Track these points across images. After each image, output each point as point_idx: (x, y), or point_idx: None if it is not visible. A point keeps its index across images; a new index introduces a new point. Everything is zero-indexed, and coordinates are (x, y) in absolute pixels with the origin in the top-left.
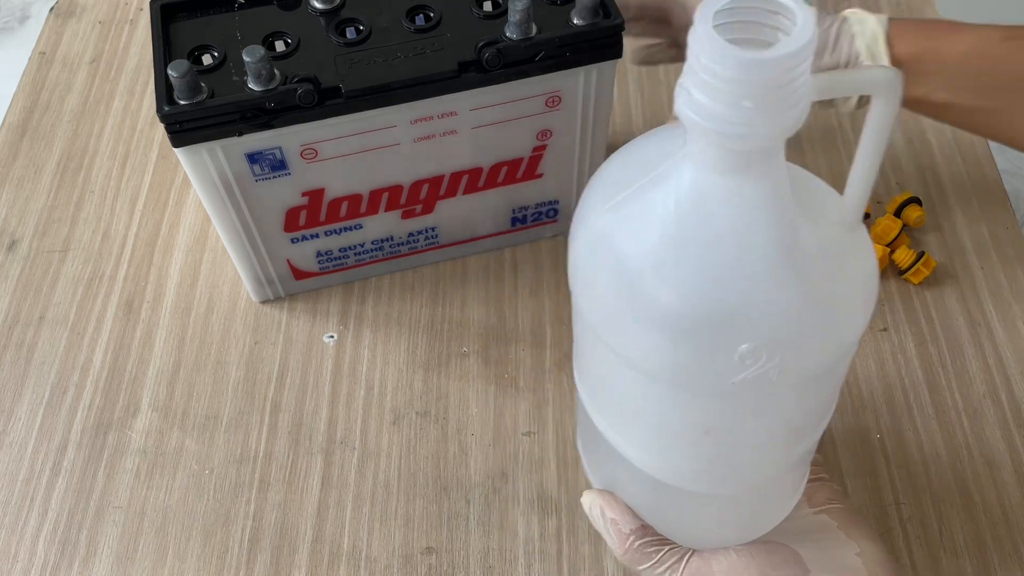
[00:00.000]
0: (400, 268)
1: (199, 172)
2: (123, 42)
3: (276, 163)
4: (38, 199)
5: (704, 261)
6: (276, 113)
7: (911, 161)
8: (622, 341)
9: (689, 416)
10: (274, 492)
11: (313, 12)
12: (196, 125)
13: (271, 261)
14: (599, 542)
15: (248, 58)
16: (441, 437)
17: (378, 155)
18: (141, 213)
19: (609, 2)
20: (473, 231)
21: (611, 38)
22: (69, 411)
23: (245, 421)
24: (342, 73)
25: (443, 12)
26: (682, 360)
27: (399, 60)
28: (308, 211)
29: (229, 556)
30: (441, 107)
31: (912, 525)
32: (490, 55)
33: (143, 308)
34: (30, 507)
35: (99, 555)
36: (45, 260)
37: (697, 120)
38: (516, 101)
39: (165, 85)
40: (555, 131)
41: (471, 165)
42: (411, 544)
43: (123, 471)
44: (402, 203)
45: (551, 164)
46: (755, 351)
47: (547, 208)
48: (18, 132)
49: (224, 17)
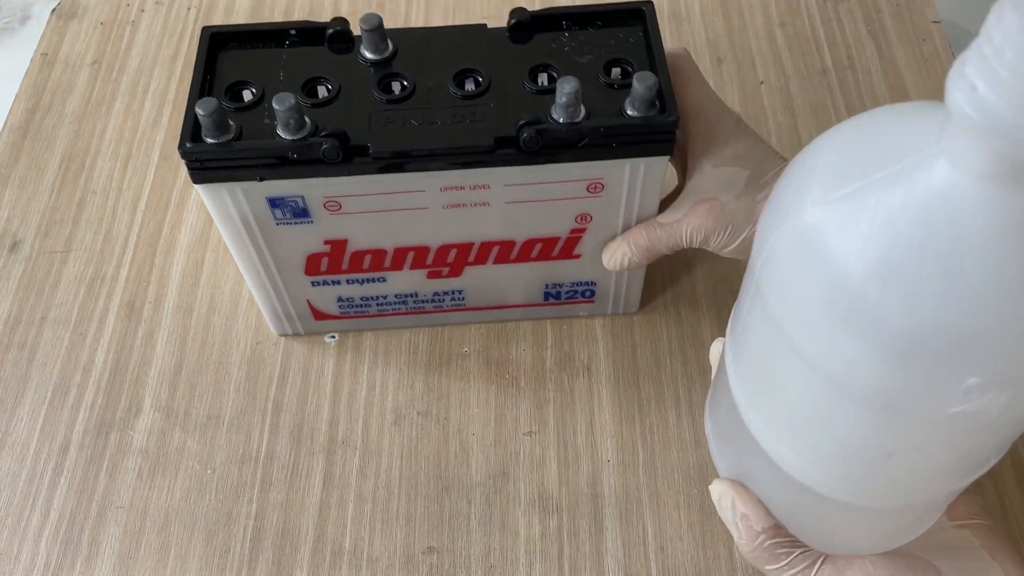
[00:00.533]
0: (425, 324)
1: (219, 210)
2: (125, 43)
3: (298, 210)
4: (40, 200)
5: (948, 279)
6: (299, 164)
7: None
8: (822, 353)
9: (877, 438)
10: (276, 492)
11: (363, 61)
12: (217, 165)
13: (291, 301)
14: (600, 542)
15: (278, 106)
16: (442, 437)
17: (404, 216)
18: (143, 214)
19: (667, 95)
20: (503, 299)
21: (664, 134)
22: (71, 411)
23: (247, 421)
24: (375, 131)
25: (492, 80)
26: (895, 384)
27: (436, 126)
28: (330, 258)
29: (231, 556)
30: (473, 179)
31: None
32: (529, 136)
33: (145, 308)
34: (32, 507)
35: (101, 555)
36: (47, 261)
37: (979, 121)
38: (554, 183)
39: (192, 121)
40: (595, 216)
41: (503, 238)
42: (412, 544)
43: (125, 471)
44: (428, 263)
45: (590, 246)
46: (986, 386)
47: (583, 288)
48: (20, 133)
49: (272, 53)
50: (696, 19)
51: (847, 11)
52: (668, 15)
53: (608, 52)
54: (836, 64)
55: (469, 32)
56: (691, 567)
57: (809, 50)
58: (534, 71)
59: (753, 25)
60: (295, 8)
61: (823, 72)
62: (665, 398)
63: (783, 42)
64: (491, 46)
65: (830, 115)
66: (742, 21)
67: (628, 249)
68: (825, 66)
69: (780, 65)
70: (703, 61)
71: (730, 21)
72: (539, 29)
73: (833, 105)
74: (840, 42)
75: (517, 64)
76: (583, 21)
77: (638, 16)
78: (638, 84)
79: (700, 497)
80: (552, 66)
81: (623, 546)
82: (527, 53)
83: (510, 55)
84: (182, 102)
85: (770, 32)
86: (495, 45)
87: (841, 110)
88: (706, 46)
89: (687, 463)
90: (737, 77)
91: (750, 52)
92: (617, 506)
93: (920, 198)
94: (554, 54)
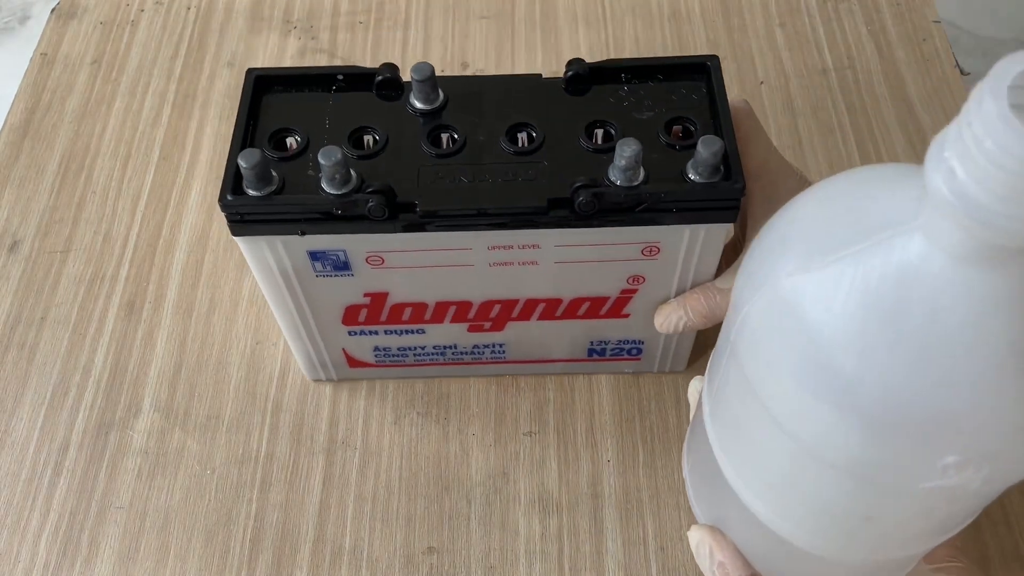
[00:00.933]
0: (462, 375)
1: (257, 261)
2: (124, 43)
3: (339, 264)
4: (39, 200)
5: (923, 356)
6: (343, 220)
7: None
8: (797, 420)
9: (854, 503)
10: (275, 492)
11: (412, 111)
12: (258, 218)
13: (326, 348)
14: (600, 542)
15: (324, 160)
16: (442, 437)
17: (448, 271)
18: (143, 214)
19: (733, 160)
20: (545, 354)
21: (728, 201)
22: (71, 411)
23: (247, 421)
24: (422, 187)
25: (547, 135)
26: (871, 455)
27: (486, 183)
28: (369, 310)
29: (231, 556)
30: (523, 238)
31: None
32: (585, 200)
33: (145, 308)
34: (32, 507)
35: (101, 555)
36: (47, 260)
37: (956, 205)
38: (607, 245)
39: (234, 172)
40: (648, 278)
41: (549, 295)
42: (412, 544)
43: (125, 471)
44: (469, 318)
45: (640, 307)
46: (963, 464)
47: (630, 346)
48: (19, 133)
49: (319, 97)
50: (696, 19)
51: (847, 11)
52: (668, 15)
53: (669, 109)
54: (836, 64)
55: (523, 82)
56: (691, 567)
57: (809, 50)
58: (591, 127)
59: (753, 25)
60: (295, 8)
61: (823, 72)
62: (665, 398)
63: (783, 42)
64: (546, 98)
65: (830, 115)
66: (742, 21)
67: (685, 314)
68: (825, 66)
69: (780, 65)
70: None
71: (730, 21)
72: (597, 81)
73: (833, 105)
74: (840, 42)
75: (573, 119)
76: (643, 74)
77: (701, 71)
78: (703, 149)
79: None
80: (610, 122)
81: (623, 546)
82: (584, 107)
83: (566, 108)
84: (182, 102)
85: (770, 32)
86: (550, 97)
87: (841, 110)
88: (706, 46)
89: None
90: (737, 77)
91: (750, 52)
92: (617, 506)
93: (897, 272)
94: (612, 109)
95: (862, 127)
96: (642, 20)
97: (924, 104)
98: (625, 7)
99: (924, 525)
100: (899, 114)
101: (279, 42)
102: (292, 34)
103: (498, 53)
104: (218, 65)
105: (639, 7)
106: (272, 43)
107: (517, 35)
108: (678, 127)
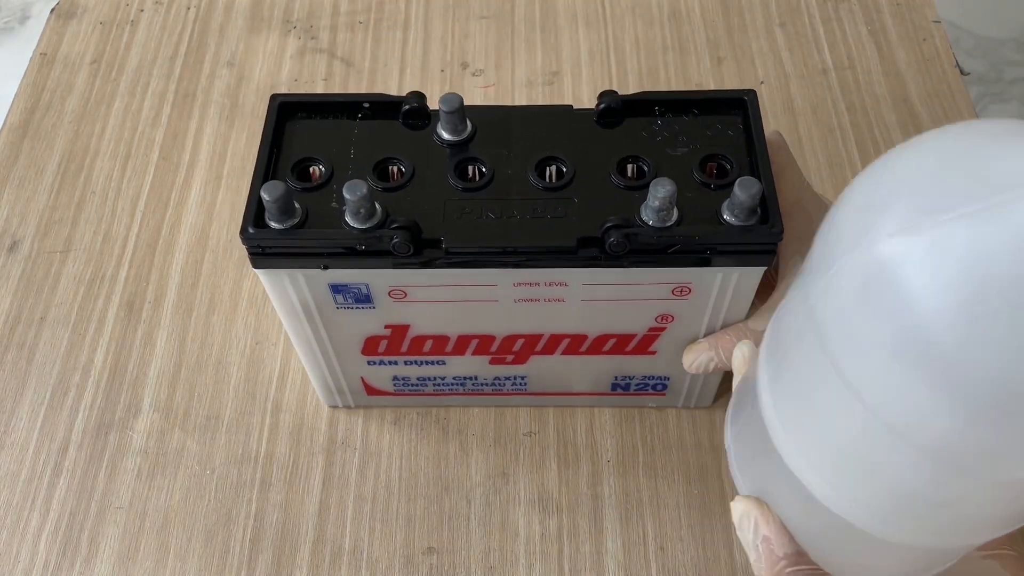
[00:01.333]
0: (482, 404)
1: (277, 293)
2: (124, 43)
3: (361, 296)
4: (39, 200)
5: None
6: (366, 255)
7: None
8: (886, 400)
9: (933, 491)
10: (275, 492)
11: (439, 141)
12: (279, 252)
13: (344, 377)
14: (600, 542)
15: (348, 195)
16: (442, 437)
17: (472, 306)
18: (142, 214)
19: (771, 203)
20: (567, 387)
21: (765, 245)
22: (70, 411)
23: (246, 421)
24: (448, 222)
25: (577, 170)
26: (968, 441)
27: (514, 220)
28: (389, 341)
29: (230, 556)
30: (550, 276)
31: None
32: (616, 241)
33: (144, 308)
34: (31, 507)
35: (100, 555)
36: (46, 261)
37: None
38: (637, 284)
39: (256, 205)
40: (678, 317)
41: (575, 331)
42: (412, 544)
43: (124, 471)
44: (492, 351)
45: (667, 344)
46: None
47: (655, 382)
48: (19, 133)
49: (344, 125)
50: (696, 19)
51: (847, 11)
52: (668, 15)
53: (705, 145)
54: (836, 64)
55: (554, 114)
56: (691, 567)
57: (809, 50)
58: (623, 162)
59: (753, 25)
60: (294, 8)
61: (823, 72)
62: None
63: (783, 42)
64: (577, 131)
65: (830, 115)
66: (742, 21)
67: (716, 356)
68: (825, 66)
69: (780, 65)
70: (703, 61)
71: (730, 21)
72: (629, 114)
73: (833, 105)
74: (840, 42)
75: (604, 153)
76: (678, 108)
77: (738, 106)
78: (740, 191)
79: (700, 498)
80: (643, 158)
81: (623, 546)
82: (616, 141)
83: (597, 142)
84: (181, 102)
85: (770, 32)
86: (581, 130)
87: (841, 110)
88: (706, 46)
89: (687, 464)
90: (737, 77)
91: (750, 52)
92: (617, 506)
93: (1017, 240)
94: (645, 144)
95: (862, 127)
96: (642, 20)
97: (924, 104)
98: (625, 7)
99: (1003, 514)
100: (899, 114)
101: (279, 42)
102: (292, 34)
103: (498, 53)
104: (218, 65)
105: (639, 7)
106: (272, 43)
107: (517, 35)
108: (713, 164)
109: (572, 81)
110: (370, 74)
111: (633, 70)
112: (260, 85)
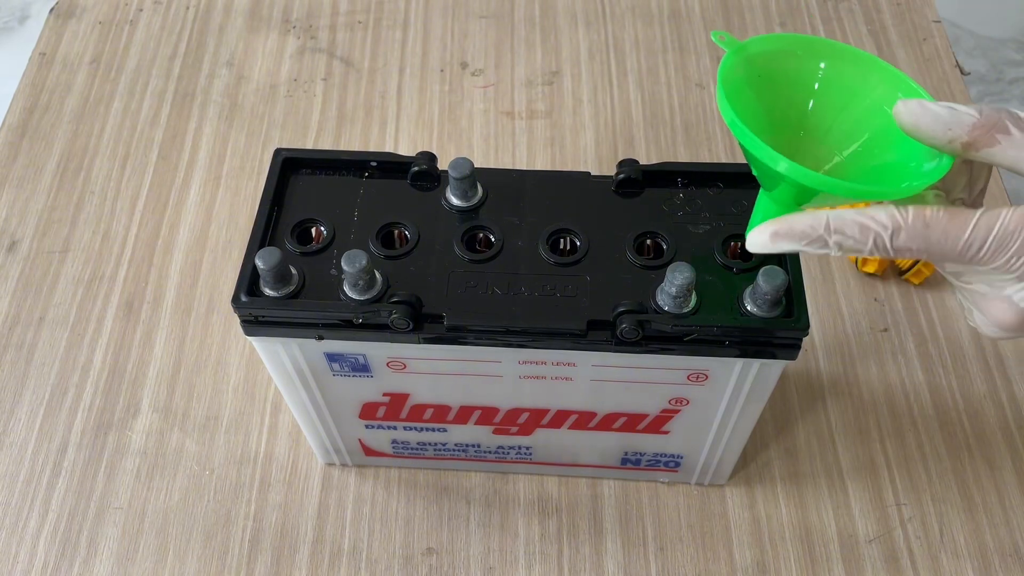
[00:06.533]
0: (485, 471)
1: (271, 359)
2: (123, 43)
3: (358, 366)
4: (38, 200)
5: None
6: (363, 328)
7: None
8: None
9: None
10: (274, 493)
11: (447, 206)
12: (273, 321)
13: (341, 438)
14: (599, 543)
15: (347, 267)
16: None
17: (475, 380)
18: (141, 214)
19: (796, 296)
20: (574, 459)
21: (788, 339)
22: (69, 412)
23: (245, 422)
24: (451, 296)
25: (591, 244)
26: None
27: (521, 296)
28: (388, 408)
29: (229, 557)
30: (558, 356)
31: (912, 525)
32: (628, 327)
33: (143, 309)
34: (30, 508)
35: (99, 556)
36: (45, 261)
37: None
38: (650, 369)
39: (251, 271)
40: (693, 401)
41: (583, 409)
42: (411, 545)
43: (123, 472)
44: (495, 422)
45: (682, 426)
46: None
47: (667, 460)
48: (18, 133)
49: (350, 183)
50: (696, 19)
51: (847, 11)
52: (668, 15)
53: (728, 223)
54: None
55: (570, 181)
56: (691, 567)
57: None
58: (640, 238)
59: (753, 25)
60: (294, 8)
61: None
62: None
63: None
64: (593, 201)
65: None
66: (742, 21)
67: (823, 239)
68: None
69: None
70: (703, 60)
71: (730, 21)
72: (650, 184)
73: None
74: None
75: (621, 226)
76: (701, 181)
77: None
78: (763, 281)
79: (700, 498)
80: (661, 234)
81: (623, 547)
82: (634, 213)
83: (614, 213)
84: (180, 102)
85: (770, 32)
86: (598, 200)
87: None
88: (706, 46)
89: None
90: None
91: None
92: (617, 507)
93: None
94: (665, 219)
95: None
96: (642, 20)
97: None
98: (625, 7)
99: None
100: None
101: (278, 41)
102: (291, 33)
103: (498, 52)
104: (217, 65)
105: (639, 7)
106: (271, 43)
107: (517, 34)
108: (737, 243)
109: (572, 81)
110: (369, 74)
111: (633, 70)
112: (259, 85)
